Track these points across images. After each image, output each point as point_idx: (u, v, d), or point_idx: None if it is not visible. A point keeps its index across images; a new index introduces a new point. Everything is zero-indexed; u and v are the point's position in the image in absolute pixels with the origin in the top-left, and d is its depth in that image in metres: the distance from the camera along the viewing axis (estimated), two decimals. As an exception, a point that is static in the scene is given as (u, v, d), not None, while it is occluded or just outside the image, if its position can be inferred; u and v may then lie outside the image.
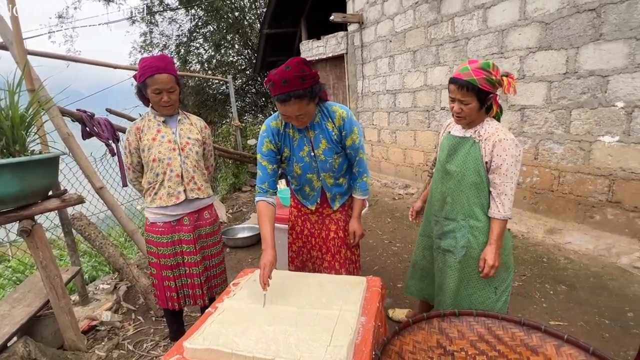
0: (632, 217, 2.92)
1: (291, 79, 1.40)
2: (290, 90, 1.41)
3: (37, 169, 1.64)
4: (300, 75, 1.41)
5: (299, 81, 1.41)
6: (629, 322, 2.13)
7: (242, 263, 3.33)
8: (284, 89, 1.42)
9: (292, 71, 1.41)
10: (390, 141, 5.75)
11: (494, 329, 1.40)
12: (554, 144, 3.42)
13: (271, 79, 1.44)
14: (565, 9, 3.12)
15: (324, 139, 1.64)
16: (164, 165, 1.80)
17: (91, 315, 2.34)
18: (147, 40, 12.50)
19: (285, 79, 1.40)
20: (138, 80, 1.77)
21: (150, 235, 1.89)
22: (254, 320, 1.32)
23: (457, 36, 4.23)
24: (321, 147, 1.65)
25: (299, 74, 1.41)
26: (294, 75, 1.40)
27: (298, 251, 1.97)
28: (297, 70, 1.41)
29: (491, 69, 1.44)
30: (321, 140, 1.64)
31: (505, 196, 1.48)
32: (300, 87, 1.42)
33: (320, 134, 1.64)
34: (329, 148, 1.65)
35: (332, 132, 1.64)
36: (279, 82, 1.42)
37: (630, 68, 2.78)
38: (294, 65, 1.42)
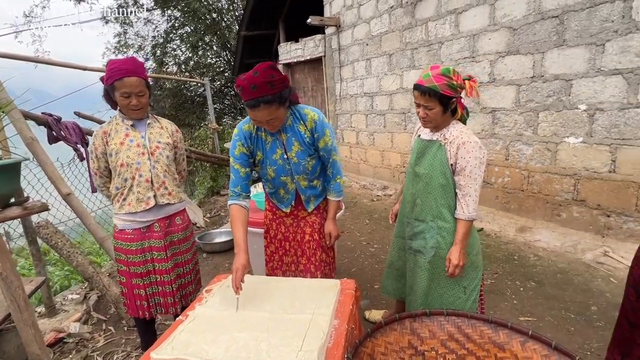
0: (595, 215, 3.07)
1: (259, 84, 1.41)
2: (259, 95, 1.42)
3: (-4, 175, 1.56)
4: (269, 80, 1.41)
5: (268, 87, 1.41)
6: (593, 316, 2.22)
7: (219, 268, 3.28)
8: (252, 94, 1.42)
9: (260, 77, 1.41)
10: (369, 143, 5.81)
11: (464, 328, 1.43)
12: (523, 145, 3.54)
13: (240, 85, 1.44)
14: (531, 16, 3.25)
15: (296, 141, 1.65)
16: (132, 170, 1.76)
17: (58, 327, 2.25)
18: (121, 41, 12.18)
19: (254, 84, 1.41)
20: (105, 82, 1.72)
21: (119, 242, 1.83)
22: (226, 328, 1.30)
23: (431, 40, 4.33)
24: (294, 150, 1.66)
25: (267, 79, 1.41)
26: (262, 81, 1.41)
27: (271, 255, 1.97)
28: (265, 75, 1.41)
29: (451, 75, 1.49)
30: (294, 143, 1.65)
31: (470, 197, 1.52)
32: (269, 92, 1.42)
33: (293, 136, 1.65)
34: (302, 150, 1.66)
35: (305, 134, 1.65)
36: (247, 88, 1.42)
37: (591, 73, 2.92)
38: (262, 70, 1.42)
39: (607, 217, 2.99)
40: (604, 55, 2.83)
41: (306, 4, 7.22)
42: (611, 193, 2.94)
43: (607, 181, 2.95)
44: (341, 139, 6.51)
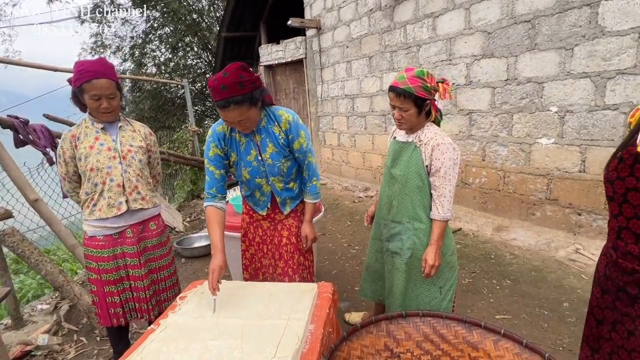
0: (567, 213, 3.17)
1: (229, 85, 1.40)
2: (229, 96, 1.41)
3: (-47, 182, 1.49)
4: (239, 81, 1.41)
5: (238, 87, 1.41)
6: (565, 312, 2.29)
7: (197, 274, 3.21)
8: (222, 95, 1.42)
9: (230, 77, 1.41)
10: (350, 145, 5.84)
11: (439, 328, 1.45)
12: (498, 146, 3.63)
13: (210, 85, 1.43)
14: (505, 20, 3.34)
15: (270, 142, 1.64)
16: (103, 175, 1.71)
17: (25, 339, 2.15)
18: (98, 41, 11.86)
19: (224, 85, 1.40)
20: (73, 84, 1.66)
21: (89, 249, 1.77)
22: (199, 336, 1.27)
23: (410, 43, 4.38)
24: (268, 151, 1.65)
25: (237, 79, 1.41)
26: (232, 82, 1.40)
27: (251, 258, 1.95)
28: (235, 76, 1.41)
29: (425, 77, 1.51)
30: (268, 144, 1.65)
31: (445, 198, 1.54)
32: (239, 92, 1.42)
33: (267, 137, 1.64)
34: (277, 152, 1.66)
35: (279, 135, 1.65)
36: (217, 88, 1.41)
37: (561, 75, 3.02)
38: (232, 71, 1.42)
39: (578, 216, 3.09)
40: (573, 59, 2.93)
41: (287, 6, 7.21)
42: (581, 192, 3.04)
43: (578, 181, 3.06)
44: (323, 140, 6.51)
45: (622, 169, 1.00)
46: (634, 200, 0.98)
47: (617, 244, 1.05)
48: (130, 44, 11.90)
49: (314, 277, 1.99)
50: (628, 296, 1.04)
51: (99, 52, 11.81)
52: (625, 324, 1.06)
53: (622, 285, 1.05)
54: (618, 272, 1.05)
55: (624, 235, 1.03)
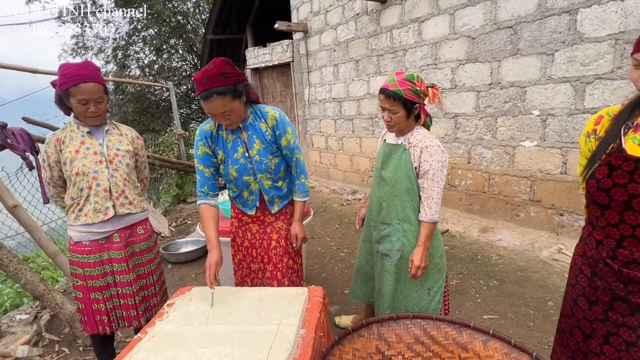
0: (550, 214, 3.25)
1: (212, 75, 1.44)
2: (211, 86, 1.44)
3: None
4: (222, 72, 1.45)
5: (220, 78, 1.45)
6: (550, 311, 2.34)
7: (184, 280, 3.16)
8: (205, 85, 1.45)
9: (214, 69, 1.45)
10: (338, 148, 5.86)
11: (429, 330, 1.46)
12: (483, 148, 3.70)
13: (195, 79, 1.48)
14: (488, 26, 3.41)
15: (257, 139, 1.66)
16: (89, 179, 1.67)
17: (3, 352, 2.06)
18: (79, 42, 11.61)
19: (207, 76, 1.44)
20: (59, 88, 1.62)
21: (75, 255, 1.73)
22: (187, 344, 1.25)
23: (396, 47, 4.44)
24: (255, 148, 1.67)
25: (220, 71, 1.45)
26: (215, 73, 1.44)
27: (239, 264, 1.93)
28: (218, 68, 1.45)
29: (415, 80, 1.54)
30: (255, 141, 1.66)
31: (432, 200, 1.56)
32: (221, 83, 1.45)
33: (254, 134, 1.66)
34: (264, 148, 1.67)
35: (266, 132, 1.67)
36: (200, 80, 1.45)
37: (542, 80, 3.11)
38: (216, 64, 1.47)
39: (561, 216, 3.18)
40: (554, 64, 3.02)
41: (274, 9, 7.21)
42: (563, 193, 3.13)
43: (560, 182, 3.14)
44: (310, 143, 6.52)
45: (618, 175, 0.97)
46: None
47: (617, 253, 1.00)
48: (113, 45, 11.69)
49: (303, 281, 1.99)
50: (628, 305, 1.00)
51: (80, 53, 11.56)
52: (623, 335, 1.02)
53: (624, 294, 1.01)
54: (619, 282, 1.01)
55: (628, 244, 0.98)
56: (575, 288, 1.17)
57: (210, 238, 1.62)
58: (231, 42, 8.70)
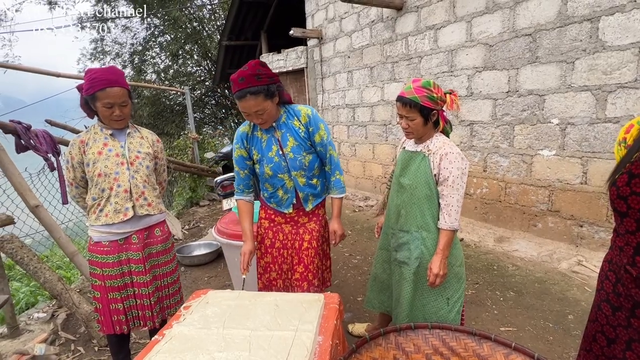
0: (569, 225, 3.17)
1: (247, 76, 1.53)
2: (245, 86, 1.53)
3: (-45, 187, 1.46)
4: (256, 73, 1.53)
5: (254, 79, 1.53)
6: (570, 325, 2.27)
7: (197, 282, 3.17)
8: (240, 85, 1.53)
9: (249, 70, 1.54)
10: (350, 154, 5.85)
11: (448, 341, 1.43)
12: (500, 157, 3.64)
13: (231, 79, 1.58)
14: (506, 33, 3.38)
15: (291, 136, 1.72)
16: (110, 180, 1.71)
17: (21, 349, 2.09)
18: (98, 47, 11.91)
19: (242, 76, 1.53)
20: (85, 92, 1.67)
21: (94, 255, 1.75)
22: (205, 347, 1.24)
23: (411, 54, 4.43)
24: (289, 145, 1.72)
25: (254, 72, 1.53)
26: (249, 73, 1.53)
27: (266, 267, 1.93)
28: (252, 69, 1.54)
29: (432, 87, 1.54)
30: (289, 139, 1.72)
31: (452, 207, 1.54)
32: (255, 83, 1.53)
33: (288, 132, 1.72)
34: (297, 145, 1.72)
35: (299, 129, 1.72)
36: (236, 80, 1.55)
37: (562, 88, 3.05)
38: (251, 65, 1.55)
39: (580, 227, 3.10)
40: (574, 73, 2.96)
41: (289, 16, 7.29)
42: (583, 204, 3.05)
43: (579, 192, 3.07)
44: (323, 149, 6.52)
45: (636, 184, 0.98)
46: None
47: (636, 260, 1.02)
48: (130, 50, 11.96)
49: (330, 282, 2.04)
50: None
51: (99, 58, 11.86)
52: None
53: None
54: (638, 289, 1.02)
55: None
56: (600, 294, 1.18)
57: (245, 230, 1.78)
58: (246, 48, 8.82)
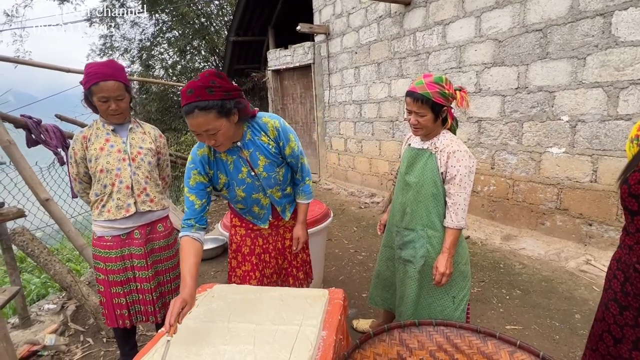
0: (578, 224, 3.13)
1: (196, 88, 1.28)
2: (194, 100, 1.28)
3: (-32, 180, 1.49)
4: (208, 85, 1.29)
5: (205, 91, 1.28)
6: (577, 324, 2.25)
7: (204, 277, 3.20)
8: (188, 99, 1.29)
9: (200, 81, 1.30)
10: (357, 150, 5.83)
11: (453, 338, 1.42)
12: (508, 154, 3.60)
13: (181, 91, 1.34)
14: (516, 29, 3.33)
15: (261, 155, 1.53)
16: (112, 176, 1.71)
17: (32, 339, 2.14)
18: (107, 43, 12.00)
19: (191, 88, 1.29)
20: (84, 86, 1.67)
21: (98, 250, 1.77)
22: (210, 340, 1.26)
23: (419, 50, 4.39)
24: (261, 165, 1.54)
25: (207, 84, 1.29)
26: (200, 85, 1.28)
27: (244, 276, 1.79)
28: (205, 80, 1.30)
29: (444, 83, 1.51)
30: (259, 157, 1.53)
31: (459, 206, 1.53)
32: (206, 97, 1.28)
33: (256, 150, 1.52)
34: (269, 163, 1.55)
35: (269, 145, 1.53)
36: (185, 93, 1.30)
37: (573, 85, 3.00)
38: (204, 76, 1.31)
39: (589, 226, 3.06)
40: (585, 69, 2.91)
41: (296, 11, 7.27)
42: (593, 202, 3.01)
43: (589, 191, 3.03)
44: (329, 146, 6.52)
45: None
46: None
47: None
48: (139, 46, 12.04)
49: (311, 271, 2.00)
50: None
51: (108, 54, 11.96)
52: None
53: None
54: None
55: None
56: (607, 293, 1.16)
57: (184, 275, 1.33)
58: (253, 43, 8.81)
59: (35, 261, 2.35)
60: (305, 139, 7.20)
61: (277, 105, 7.53)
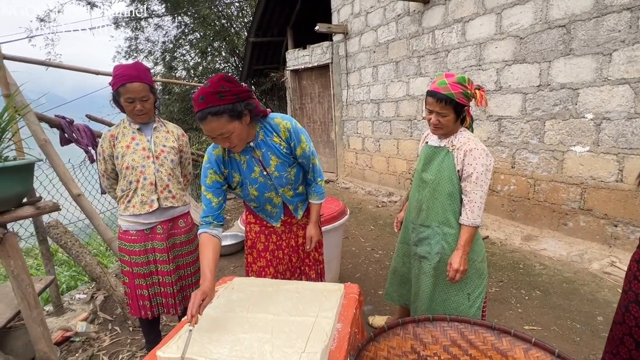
0: (602, 224, 3.04)
1: (207, 95, 1.33)
2: (205, 107, 1.33)
3: (11, 175, 1.61)
4: (218, 91, 1.33)
5: (216, 97, 1.33)
6: (599, 326, 2.20)
7: (224, 271, 3.30)
8: (200, 105, 1.34)
9: (210, 87, 1.34)
10: (374, 149, 5.83)
11: (467, 334, 1.43)
12: (529, 153, 3.53)
13: (193, 98, 1.39)
14: (538, 25, 3.26)
15: (273, 155, 1.57)
16: (137, 173, 1.79)
17: (65, 326, 2.28)
18: (132, 45, 12.41)
19: (202, 95, 1.33)
20: (112, 88, 1.77)
21: (123, 243, 1.87)
22: (230, 328, 1.32)
23: (438, 48, 4.35)
24: (272, 164, 1.59)
25: (217, 89, 1.33)
26: (210, 91, 1.33)
27: (260, 271, 1.86)
28: (214, 86, 1.34)
29: (467, 83, 1.52)
30: (271, 157, 1.58)
31: (475, 204, 1.53)
32: (217, 103, 1.33)
33: (268, 151, 1.57)
34: (281, 163, 1.59)
35: (280, 146, 1.57)
36: (197, 100, 1.35)
37: (597, 82, 2.92)
38: (214, 82, 1.35)
39: (614, 227, 2.97)
40: (611, 65, 2.83)
41: (314, 11, 7.32)
42: (618, 203, 2.92)
43: (614, 190, 2.94)
44: (347, 145, 6.54)
45: None
46: None
47: None
48: (162, 48, 12.39)
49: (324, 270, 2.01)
50: None
51: (133, 56, 12.36)
52: None
53: None
54: None
55: None
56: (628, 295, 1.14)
57: (203, 270, 1.40)
58: (272, 44, 8.93)
59: (68, 253, 2.49)
60: (322, 138, 7.24)
61: (296, 104, 7.60)
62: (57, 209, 1.90)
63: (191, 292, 1.96)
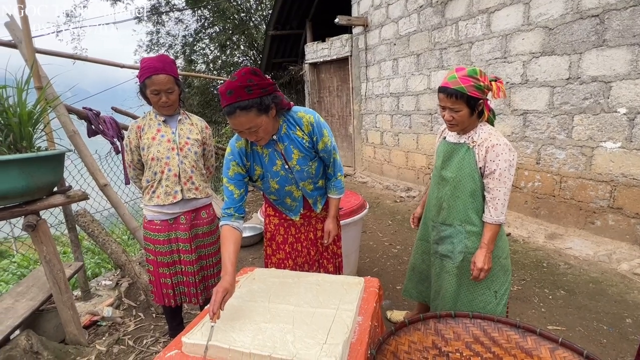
0: (633, 224, 2.92)
1: (235, 89, 1.31)
2: (234, 101, 1.32)
3: (43, 165, 1.68)
4: (246, 85, 1.32)
5: (244, 91, 1.32)
6: (627, 329, 2.13)
7: (243, 262, 3.35)
8: (228, 100, 1.33)
9: (237, 81, 1.32)
10: (393, 144, 5.76)
11: (490, 331, 1.41)
12: (556, 149, 3.42)
13: (219, 91, 1.38)
14: (569, 15, 3.13)
15: (295, 148, 1.57)
16: (162, 164, 1.82)
17: (93, 310, 2.37)
18: (153, 39, 12.65)
19: (230, 89, 1.32)
20: (139, 80, 1.80)
21: (148, 232, 1.91)
22: (252, 318, 1.34)
23: (461, 40, 4.24)
24: (294, 158, 1.58)
25: (245, 83, 1.32)
26: (239, 85, 1.31)
27: (279, 263, 1.88)
28: (242, 80, 1.32)
29: (479, 76, 1.46)
30: (293, 151, 1.57)
31: (498, 201, 1.49)
32: (245, 97, 1.32)
33: (291, 144, 1.56)
34: (303, 156, 1.59)
35: (303, 139, 1.57)
36: (224, 94, 1.33)
37: (633, 74, 2.78)
38: (241, 75, 1.34)
39: (646, 227, 2.84)
40: (648, 57, 2.69)
41: (334, 4, 7.24)
42: (651, 201, 2.79)
43: (647, 189, 2.81)
44: (365, 139, 6.49)
45: None
46: None
47: None
48: (182, 42, 12.57)
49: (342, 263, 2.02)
50: None
51: (154, 50, 12.59)
52: None
53: None
54: None
55: None
56: None
57: (225, 263, 1.40)
58: (291, 37, 8.91)
59: (95, 241, 2.58)
60: (341, 132, 7.21)
61: (314, 98, 7.58)
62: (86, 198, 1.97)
63: (213, 283, 2.03)
